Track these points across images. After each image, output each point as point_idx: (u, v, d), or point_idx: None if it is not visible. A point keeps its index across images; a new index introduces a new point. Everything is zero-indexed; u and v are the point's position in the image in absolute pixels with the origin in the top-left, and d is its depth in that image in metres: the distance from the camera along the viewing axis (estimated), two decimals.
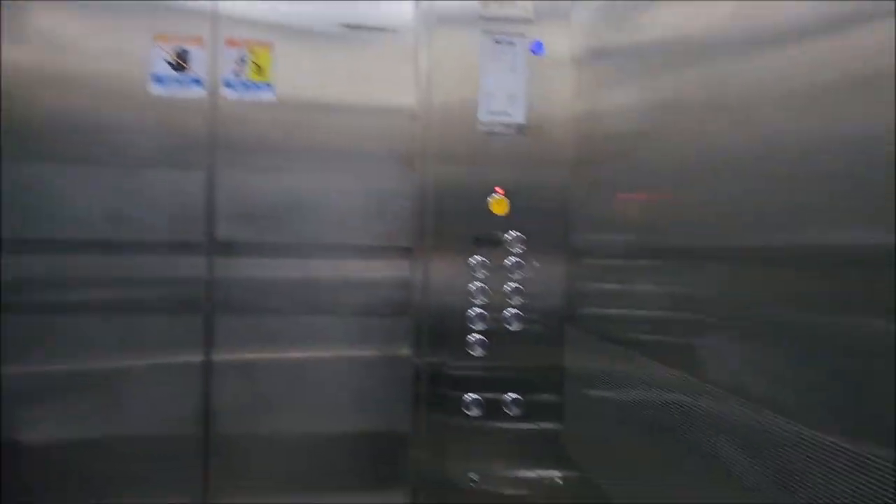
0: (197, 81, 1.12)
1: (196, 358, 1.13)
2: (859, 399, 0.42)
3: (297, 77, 1.15)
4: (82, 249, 1.11)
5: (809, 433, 0.46)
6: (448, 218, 1.11)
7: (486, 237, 1.11)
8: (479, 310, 1.10)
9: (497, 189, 1.11)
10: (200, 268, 1.14)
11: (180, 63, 1.11)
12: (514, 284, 1.10)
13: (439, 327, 1.11)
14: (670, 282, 0.75)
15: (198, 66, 1.12)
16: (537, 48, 1.11)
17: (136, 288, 1.13)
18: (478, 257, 1.10)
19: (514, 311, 1.10)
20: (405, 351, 1.16)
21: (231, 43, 1.13)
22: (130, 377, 1.12)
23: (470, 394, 1.10)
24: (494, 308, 1.10)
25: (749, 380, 0.56)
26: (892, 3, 0.37)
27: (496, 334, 1.11)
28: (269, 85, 1.14)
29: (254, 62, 1.13)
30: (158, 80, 1.11)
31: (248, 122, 1.14)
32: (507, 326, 1.10)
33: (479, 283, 1.10)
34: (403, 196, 1.17)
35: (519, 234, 1.11)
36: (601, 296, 1.00)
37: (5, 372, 1.07)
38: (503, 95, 1.11)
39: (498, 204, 1.11)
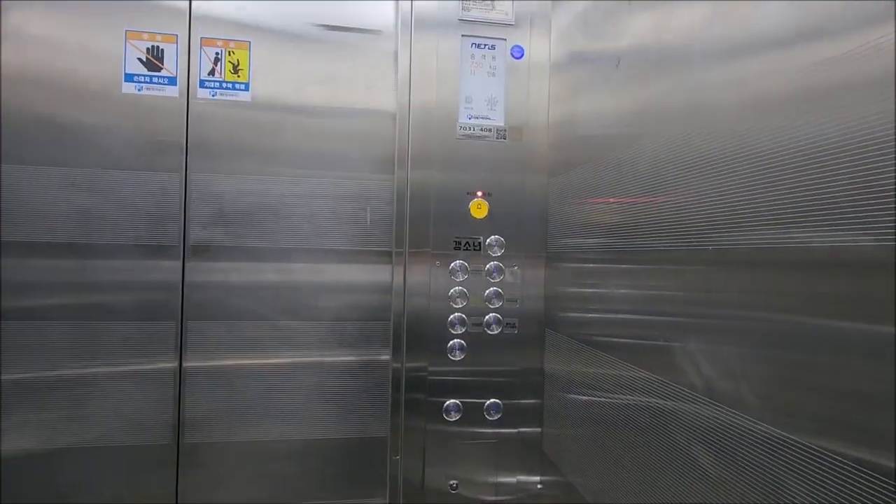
0: (171, 81, 1.10)
1: (169, 364, 1.10)
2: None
3: (274, 78, 1.13)
4: (52, 253, 1.08)
5: (771, 430, 0.46)
6: (427, 221, 1.10)
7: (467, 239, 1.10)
8: (459, 314, 1.09)
9: (477, 192, 1.10)
10: (174, 272, 1.11)
11: (154, 62, 1.09)
12: (493, 289, 1.10)
13: (419, 332, 1.10)
14: (643, 285, 0.76)
15: (172, 64, 1.10)
16: (517, 52, 1.12)
17: (107, 292, 1.10)
18: (458, 261, 1.09)
19: (494, 315, 1.10)
20: (384, 356, 1.15)
21: (207, 42, 1.11)
22: (100, 384, 1.09)
23: (450, 399, 1.10)
24: (475, 312, 1.10)
25: (723, 382, 0.56)
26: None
27: (476, 338, 1.10)
28: (245, 85, 1.12)
29: (230, 62, 1.11)
30: (130, 78, 1.08)
31: (223, 123, 1.12)
32: (488, 331, 1.10)
33: (458, 288, 1.09)
34: (382, 199, 1.16)
35: (498, 237, 1.11)
36: (578, 300, 1.00)
37: None
38: (483, 99, 1.11)
39: (478, 207, 1.11)
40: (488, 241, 1.11)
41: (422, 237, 1.09)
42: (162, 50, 1.09)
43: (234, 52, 1.11)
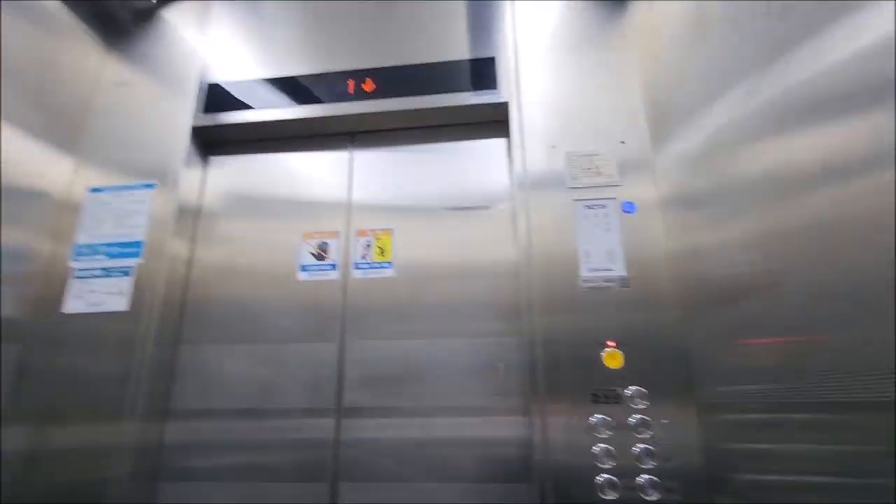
0: (333, 266, 1.34)
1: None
2: None
3: (412, 254, 1.33)
4: (233, 417, 1.26)
5: None
6: (560, 374, 1.10)
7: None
8: (608, 476, 1.01)
9: (608, 342, 1.10)
10: (328, 431, 1.22)
11: (321, 254, 1.36)
12: (643, 446, 1.02)
13: (566, 494, 1.03)
14: (830, 440, 0.67)
15: (334, 253, 1.36)
16: (628, 207, 1.20)
17: (271, 452, 1.22)
18: (598, 416, 1.05)
19: (648, 478, 1.00)
20: None
21: (361, 233, 1.37)
22: None
23: None
24: (626, 474, 1.01)
25: None
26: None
27: None
28: (390, 263, 1.32)
29: (378, 246, 1.34)
30: (304, 269, 1.35)
31: (372, 297, 1.31)
32: (644, 497, 0.99)
33: (603, 445, 1.03)
34: (512, 353, 1.20)
35: (639, 388, 1.06)
36: (758, 458, 0.88)
37: None
38: (601, 253, 1.17)
39: (611, 357, 1.09)
40: (628, 392, 1.07)
41: (556, 390, 1.09)
42: (328, 244, 1.36)
43: (380, 238, 1.35)
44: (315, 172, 1.47)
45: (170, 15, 1.63)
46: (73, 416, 1.19)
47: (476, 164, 1.41)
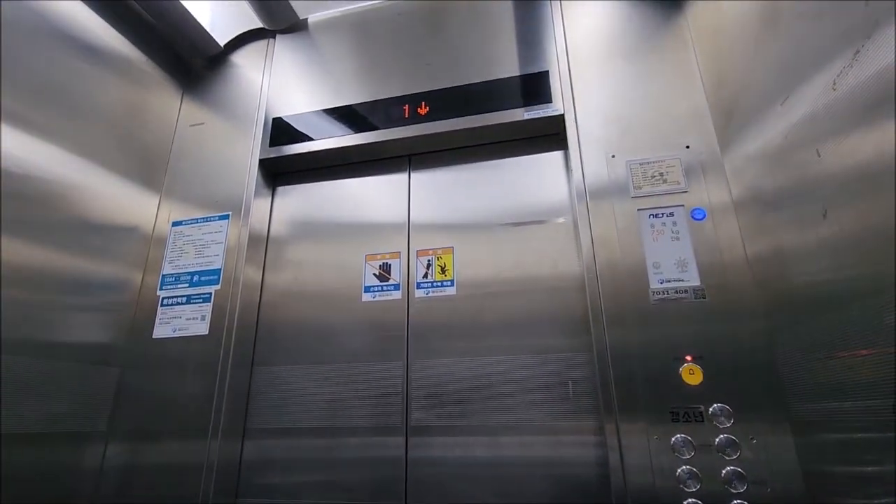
0: (396, 286, 1.37)
1: None
2: None
3: (474, 271, 1.33)
4: (305, 436, 1.30)
5: None
6: (635, 391, 1.05)
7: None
8: (693, 501, 0.95)
9: (686, 357, 1.05)
10: (398, 448, 1.23)
11: (384, 274, 1.39)
12: (731, 468, 0.95)
13: None
14: None
15: (396, 274, 1.38)
16: (698, 214, 1.14)
17: (344, 469, 1.25)
18: (679, 435, 1.00)
19: (740, 502, 0.93)
20: None
21: (421, 253, 1.39)
22: None
23: None
24: (714, 499, 0.95)
25: None
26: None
27: None
28: (451, 282, 1.33)
29: (438, 265, 1.36)
30: (367, 290, 1.38)
31: (435, 316, 1.32)
32: None
33: (687, 467, 0.97)
34: (582, 368, 1.17)
35: (723, 406, 1.00)
36: (861, 482, 0.80)
37: None
38: (672, 263, 1.12)
39: (690, 373, 1.04)
40: (711, 410, 1.00)
41: (632, 409, 1.04)
42: (390, 265, 1.39)
43: (441, 257, 1.37)
44: (375, 196, 1.52)
45: (237, 58, 1.75)
46: (163, 434, 1.27)
47: (534, 178, 1.40)
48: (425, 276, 1.36)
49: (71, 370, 1.22)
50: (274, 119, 1.59)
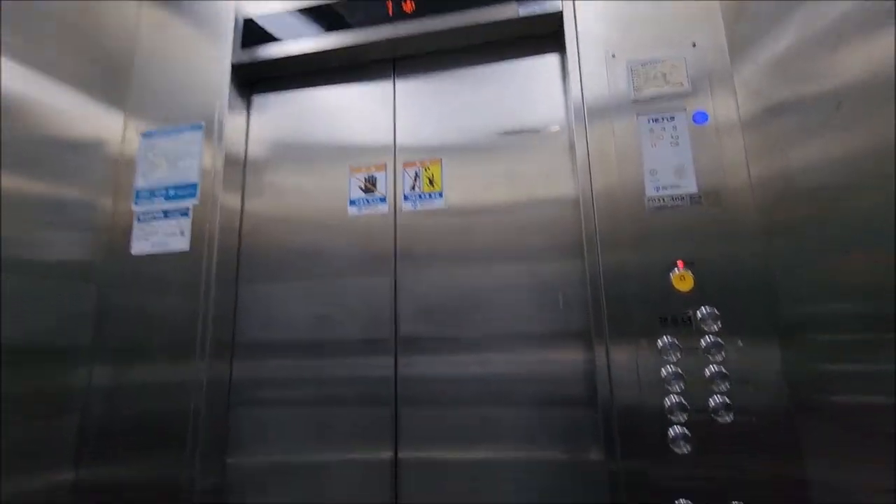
0: (382, 199, 1.32)
1: (385, 454, 1.19)
2: None
3: (464, 184, 1.28)
4: (295, 349, 1.30)
5: None
6: (626, 299, 1.05)
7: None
8: (677, 398, 0.97)
9: (678, 262, 1.03)
10: (388, 363, 1.24)
11: (370, 187, 1.33)
12: (715, 367, 0.97)
13: (632, 422, 1.00)
14: None
15: (382, 186, 1.33)
16: (700, 118, 1.08)
17: (336, 383, 1.26)
18: (666, 338, 1.00)
19: (721, 399, 0.95)
20: (595, 454, 1.07)
21: (407, 164, 1.32)
22: (327, 471, 1.21)
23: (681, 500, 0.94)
24: (696, 397, 0.97)
25: None
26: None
27: (703, 429, 0.96)
28: (440, 193, 1.28)
29: (426, 177, 1.30)
30: (353, 203, 1.33)
31: (423, 229, 1.28)
32: (717, 419, 0.95)
33: (672, 368, 0.99)
34: (574, 283, 1.16)
35: (711, 309, 1.00)
36: (849, 378, 0.81)
37: (235, 461, 1.25)
38: (669, 170, 1.08)
39: (681, 279, 1.03)
40: (699, 314, 1.00)
41: (622, 318, 1.04)
42: (375, 178, 1.33)
43: (429, 168, 1.30)
44: (359, 105, 1.42)
45: None
46: (150, 351, 1.26)
47: (529, 85, 1.31)
48: (413, 188, 1.30)
49: (49, 287, 1.18)
50: (245, 20, 1.44)
